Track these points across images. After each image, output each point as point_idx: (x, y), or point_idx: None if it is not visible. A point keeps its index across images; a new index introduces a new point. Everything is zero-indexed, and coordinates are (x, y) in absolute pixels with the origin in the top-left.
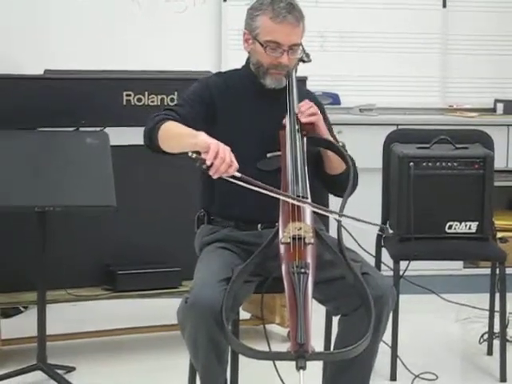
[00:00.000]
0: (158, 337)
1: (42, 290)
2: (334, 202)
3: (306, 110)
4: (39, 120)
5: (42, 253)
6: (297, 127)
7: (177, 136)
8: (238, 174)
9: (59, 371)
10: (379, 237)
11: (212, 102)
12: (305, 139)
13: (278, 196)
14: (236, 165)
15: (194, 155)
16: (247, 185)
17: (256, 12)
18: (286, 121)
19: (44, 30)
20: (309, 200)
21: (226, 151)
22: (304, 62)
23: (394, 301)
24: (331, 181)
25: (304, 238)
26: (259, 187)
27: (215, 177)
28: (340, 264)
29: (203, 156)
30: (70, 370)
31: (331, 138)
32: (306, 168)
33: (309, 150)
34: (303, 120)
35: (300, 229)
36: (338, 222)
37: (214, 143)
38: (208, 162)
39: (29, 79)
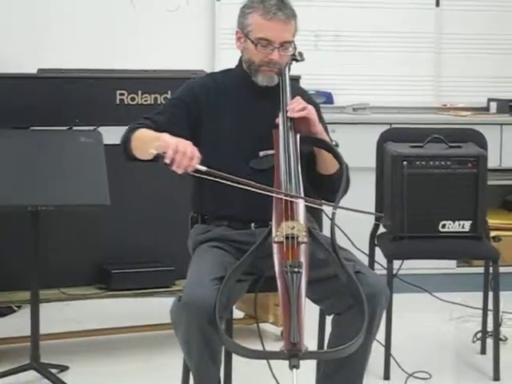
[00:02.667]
0: (151, 336)
1: (35, 289)
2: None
3: (295, 107)
4: (33, 119)
5: (36, 252)
6: (289, 125)
7: (143, 142)
8: (202, 168)
9: (53, 370)
10: (373, 236)
11: (196, 103)
12: (298, 138)
13: (253, 189)
14: (198, 155)
15: (155, 152)
16: (218, 179)
17: (247, 10)
18: (279, 119)
19: (36, 29)
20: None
21: (186, 145)
22: (297, 61)
23: (387, 300)
24: (323, 181)
25: (297, 237)
26: (231, 181)
27: (179, 172)
28: (333, 263)
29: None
30: (64, 369)
31: (325, 135)
32: (300, 167)
33: (302, 150)
34: (295, 115)
35: (293, 228)
36: (331, 219)
37: (172, 141)
38: (167, 160)
39: (22, 78)
